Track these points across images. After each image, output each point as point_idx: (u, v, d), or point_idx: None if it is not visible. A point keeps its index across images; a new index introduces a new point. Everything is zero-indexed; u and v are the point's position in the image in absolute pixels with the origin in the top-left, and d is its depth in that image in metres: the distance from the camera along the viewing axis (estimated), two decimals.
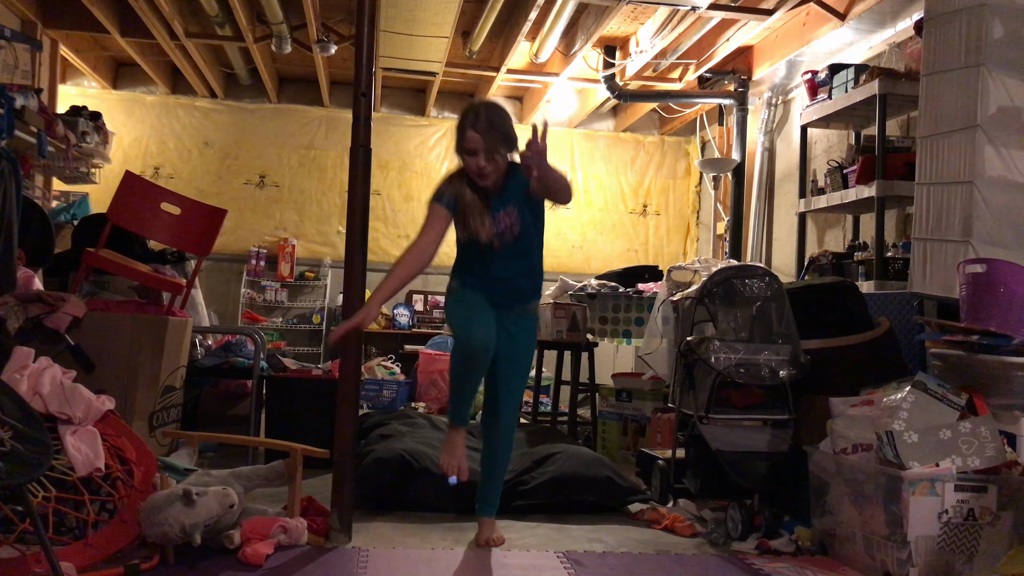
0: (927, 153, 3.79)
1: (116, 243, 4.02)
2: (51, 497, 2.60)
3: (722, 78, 6.57)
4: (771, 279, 3.47)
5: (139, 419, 3.54)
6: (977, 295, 3.17)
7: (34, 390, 2.80)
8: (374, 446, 3.73)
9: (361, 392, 3.93)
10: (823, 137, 5.88)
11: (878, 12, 4.92)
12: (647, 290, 5.47)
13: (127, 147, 7.64)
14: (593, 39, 5.89)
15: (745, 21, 5.54)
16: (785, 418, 3.35)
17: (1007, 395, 2.93)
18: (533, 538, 3.19)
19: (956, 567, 2.69)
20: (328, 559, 2.81)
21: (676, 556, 3.05)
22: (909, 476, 2.69)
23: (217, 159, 7.86)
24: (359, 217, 3.09)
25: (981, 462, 2.76)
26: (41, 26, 6.00)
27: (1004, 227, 3.53)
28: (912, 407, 2.88)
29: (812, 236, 5.90)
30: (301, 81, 7.86)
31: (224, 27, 5.98)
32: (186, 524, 2.56)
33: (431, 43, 5.99)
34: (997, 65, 3.54)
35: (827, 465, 3.11)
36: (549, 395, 5.93)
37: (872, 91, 4.54)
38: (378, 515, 3.39)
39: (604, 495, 3.63)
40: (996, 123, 3.54)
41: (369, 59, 3.17)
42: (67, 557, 2.42)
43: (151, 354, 3.62)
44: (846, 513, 2.99)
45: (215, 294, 7.50)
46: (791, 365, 3.32)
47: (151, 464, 2.95)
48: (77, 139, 5.63)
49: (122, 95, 7.76)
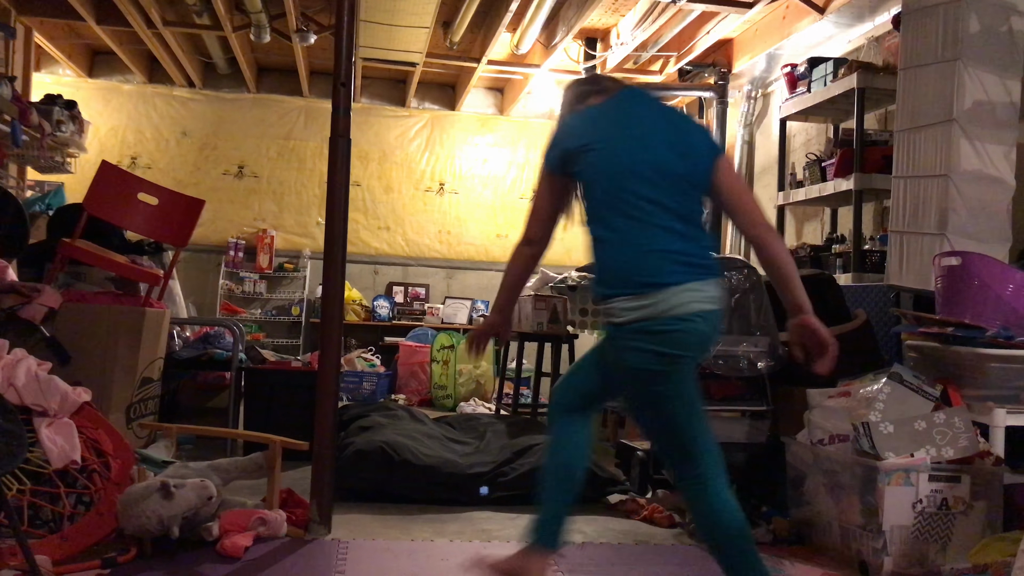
0: (904, 147, 3.82)
1: (92, 234, 3.98)
2: (26, 490, 2.58)
3: (702, 71, 6.58)
4: (750, 271, 3.50)
5: (116, 411, 3.51)
6: (952, 288, 3.20)
7: (8, 382, 2.78)
8: (354, 438, 3.72)
9: (341, 384, 3.91)
10: (802, 130, 5.91)
11: (857, 6, 4.95)
12: None
13: (103, 136, 7.55)
14: (574, 31, 5.89)
15: (725, 14, 5.55)
16: (763, 409, 3.38)
17: (981, 386, 2.97)
18: (513, 529, 3.20)
19: (930, 556, 2.73)
20: (308, 551, 2.81)
21: (655, 546, 3.07)
22: (884, 466, 2.73)
23: (195, 149, 7.78)
24: (339, 208, 3.08)
25: (955, 452, 2.80)
26: (15, 13, 5.91)
27: (979, 220, 3.57)
28: (888, 398, 2.91)
29: (791, 228, 5.94)
30: (280, 71, 7.79)
31: (202, 15, 5.91)
32: (164, 516, 2.55)
33: (411, 33, 5.96)
34: (973, 60, 3.58)
35: (804, 456, 3.14)
36: (529, 387, 5.95)
37: (851, 85, 4.57)
38: (358, 507, 3.39)
39: (584, 486, 3.64)
40: (972, 117, 3.58)
41: (349, 49, 3.15)
42: (43, 550, 2.40)
43: (128, 346, 3.59)
44: (823, 503, 3.02)
45: (193, 285, 7.44)
46: (769, 357, 3.35)
47: (128, 456, 2.92)
48: (52, 128, 5.55)
49: (98, 84, 7.66)
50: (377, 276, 8.04)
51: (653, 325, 2.01)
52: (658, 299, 2.01)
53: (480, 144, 8.16)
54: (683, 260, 2.05)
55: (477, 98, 8.17)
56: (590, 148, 2.11)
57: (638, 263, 2.04)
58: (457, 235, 8.09)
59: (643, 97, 2.24)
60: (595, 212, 2.12)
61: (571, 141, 2.16)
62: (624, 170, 2.08)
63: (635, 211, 2.06)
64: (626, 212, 2.06)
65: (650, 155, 2.08)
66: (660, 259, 2.04)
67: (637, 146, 2.10)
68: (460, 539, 3.04)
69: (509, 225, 8.11)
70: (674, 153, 2.10)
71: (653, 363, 2.03)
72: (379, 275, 8.04)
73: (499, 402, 5.93)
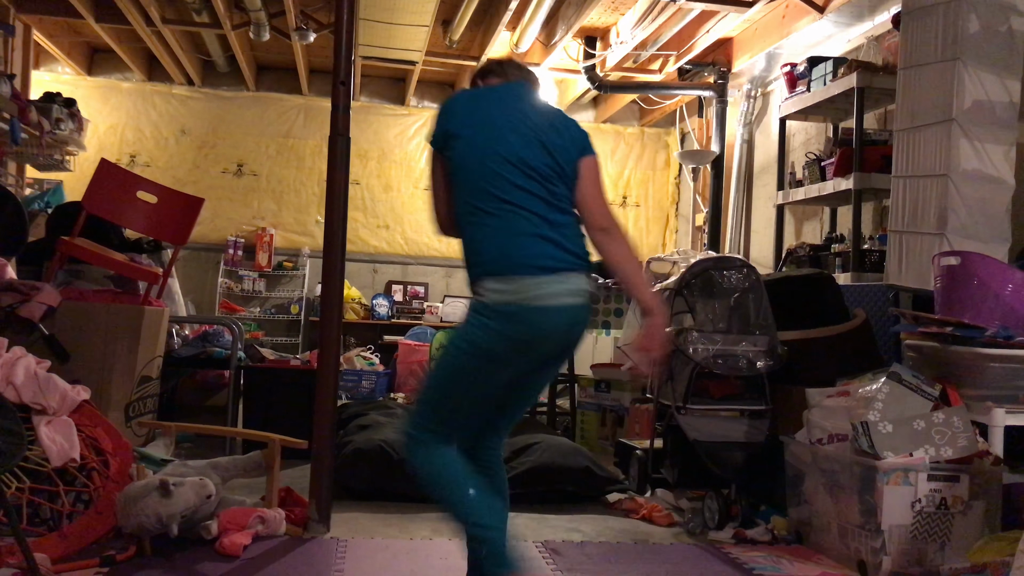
0: (903, 146, 3.82)
1: (91, 232, 3.98)
2: (25, 488, 2.58)
3: (702, 70, 6.58)
4: (749, 270, 3.50)
5: (115, 409, 3.51)
6: (951, 287, 3.21)
7: (7, 380, 2.77)
8: (353, 437, 3.72)
9: (340, 382, 3.91)
10: (801, 129, 5.91)
11: (856, 5, 4.95)
12: None
13: (102, 134, 7.54)
14: (574, 29, 5.88)
15: (725, 13, 5.55)
16: (762, 408, 3.38)
17: (980, 386, 2.97)
18: (511, 528, 3.19)
19: (929, 555, 2.73)
20: (306, 549, 2.81)
21: (653, 545, 3.08)
22: (883, 466, 2.73)
23: (194, 147, 7.77)
24: (338, 207, 3.08)
25: (954, 452, 2.80)
26: (14, 11, 5.90)
27: (978, 220, 3.57)
28: (887, 398, 2.91)
29: (790, 228, 5.94)
30: (279, 69, 7.78)
31: (201, 13, 5.90)
32: (163, 515, 2.55)
33: (411, 32, 5.95)
34: (973, 59, 3.58)
35: (803, 455, 3.14)
36: None
37: (850, 84, 4.57)
38: (357, 506, 3.38)
39: (583, 485, 3.65)
40: (971, 117, 3.58)
41: (348, 47, 3.15)
42: (42, 548, 2.40)
43: (127, 344, 3.58)
44: (821, 502, 3.02)
45: (192, 284, 7.44)
46: (768, 356, 3.34)
47: (127, 455, 2.92)
48: (51, 126, 5.55)
49: (97, 81, 7.65)
50: (376, 275, 8.03)
51: (512, 309, 2.04)
52: (521, 286, 2.05)
53: None
54: (550, 251, 2.08)
55: None
56: (464, 131, 2.15)
57: (507, 249, 2.07)
58: None
59: (527, 93, 2.27)
60: (467, 195, 2.14)
61: (450, 122, 2.20)
62: (495, 156, 2.11)
63: (507, 197, 2.09)
64: (498, 197, 2.09)
65: (518, 145, 2.12)
66: (528, 247, 2.07)
67: (507, 135, 2.13)
68: (459, 537, 3.03)
69: None
70: (539, 147, 2.13)
71: (501, 345, 2.06)
72: (378, 274, 8.04)
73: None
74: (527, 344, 2.08)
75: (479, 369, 2.09)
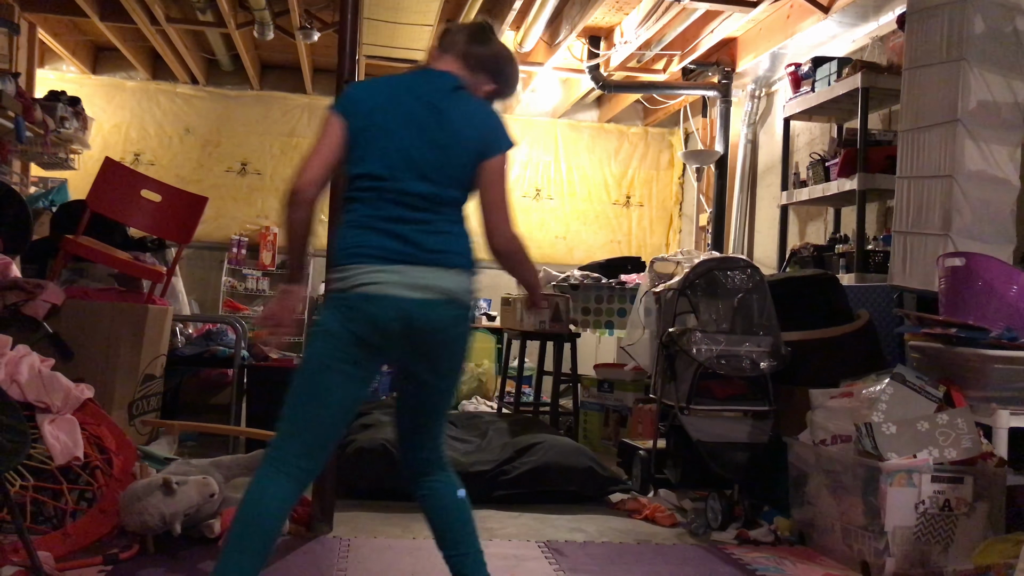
0: (908, 147, 3.81)
1: (96, 230, 3.99)
2: (29, 486, 2.58)
3: (706, 70, 6.57)
4: (752, 271, 3.49)
5: (118, 408, 3.51)
6: (956, 288, 3.20)
7: (12, 378, 2.78)
8: (356, 436, 3.72)
9: None
10: (805, 130, 5.90)
11: (861, 5, 4.94)
12: (630, 281, 5.49)
13: (107, 133, 7.54)
14: (578, 29, 5.88)
15: (729, 13, 5.54)
16: (765, 409, 3.38)
17: (984, 387, 2.96)
18: (514, 528, 3.20)
19: (932, 557, 2.73)
20: (309, 548, 2.81)
21: (656, 546, 3.07)
22: (887, 467, 2.72)
23: (198, 146, 7.78)
24: (340, 206, 3.07)
25: (958, 453, 2.79)
26: (19, 9, 5.91)
27: (983, 221, 3.56)
28: (891, 399, 2.91)
29: (794, 228, 5.93)
30: (283, 68, 7.79)
31: (206, 12, 5.91)
32: (166, 513, 2.55)
33: (415, 31, 5.95)
34: (978, 60, 3.57)
35: (806, 456, 3.14)
36: (531, 385, 5.94)
37: (855, 84, 4.56)
38: (360, 505, 3.39)
39: (585, 485, 3.65)
40: (976, 118, 3.57)
41: (353, 46, 3.15)
42: (45, 546, 2.40)
43: (131, 342, 3.59)
44: (825, 503, 3.02)
45: (196, 282, 7.44)
46: (772, 357, 3.34)
47: (130, 453, 2.93)
48: (56, 124, 5.56)
49: (102, 80, 7.66)
50: None
51: (340, 296, 1.97)
52: (351, 273, 1.96)
53: None
54: (390, 244, 1.97)
55: None
56: (364, 109, 2.04)
57: (350, 240, 2.00)
58: None
59: (445, 84, 2.11)
60: (350, 181, 2.06)
61: (361, 97, 2.10)
62: (380, 145, 2.01)
63: (376, 188, 2.00)
64: (368, 188, 2.00)
65: (408, 140, 2.01)
66: (368, 238, 1.98)
67: (401, 126, 2.02)
68: None
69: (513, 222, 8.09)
70: (430, 141, 2.01)
71: (335, 330, 1.96)
72: None
73: (501, 400, 5.93)
74: (356, 335, 1.95)
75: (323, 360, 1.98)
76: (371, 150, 2.02)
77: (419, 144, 2.02)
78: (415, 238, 1.99)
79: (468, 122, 2.07)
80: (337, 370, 1.97)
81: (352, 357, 1.97)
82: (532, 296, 2.29)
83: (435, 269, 1.99)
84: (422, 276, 1.97)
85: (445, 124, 2.04)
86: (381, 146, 2.02)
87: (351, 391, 2.01)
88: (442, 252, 2.01)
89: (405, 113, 2.04)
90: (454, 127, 2.04)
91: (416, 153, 2.01)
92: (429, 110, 2.05)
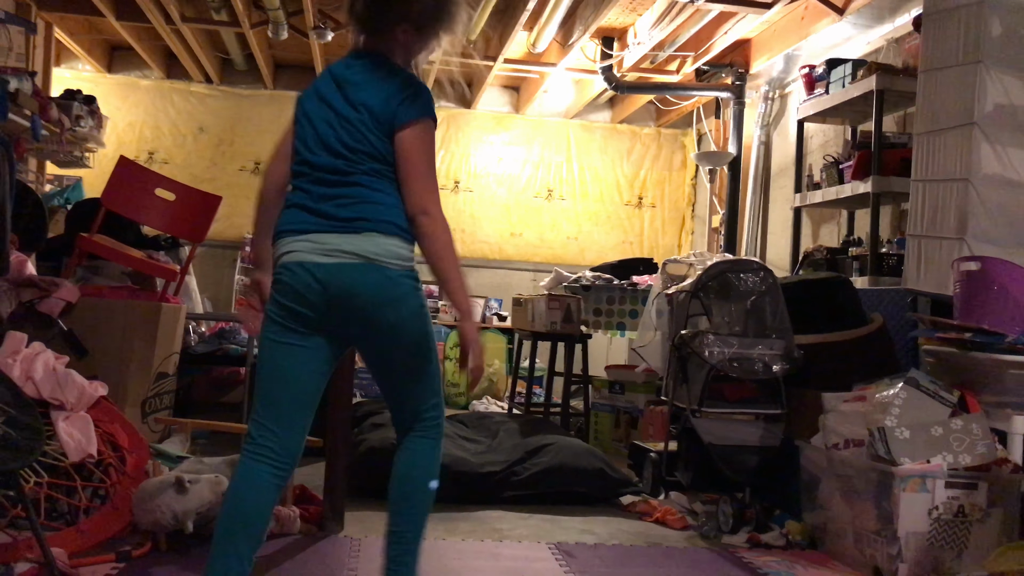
0: (923, 150, 3.78)
1: (110, 228, 4.01)
2: (43, 483, 2.60)
3: (719, 71, 6.55)
4: (765, 273, 3.48)
5: (132, 405, 3.53)
6: (971, 293, 3.18)
7: (27, 375, 2.80)
8: (367, 435, 3.73)
9: (354, 380, 3.92)
10: (819, 132, 5.87)
11: (877, 7, 4.91)
12: (642, 283, 5.47)
13: (121, 132, 7.59)
14: (591, 30, 5.87)
15: (743, 14, 5.52)
16: (777, 412, 3.36)
17: (999, 393, 2.94)
18: (525, 529, 3.20)
19: (945, 563, 2.71)
20: (320, 547, 2.82)
21: (667, 549, 3.07)
22: (900, 472, 2.71)
23: (212, 145, 7.81)
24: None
25: (972, 459, 2.77)
26: (36, 8, 5.95)
27: (999, 225, 3.53)
28: (904, 403, 2.89)
29: (807, 231, 5.91)
30: (297, 67, 7.81)
31: (220, 12, 5.94)
32: (178, 511, 2.56)
33: None
34: (995, 62, 3.54)
35: (819, 460, 3.12)
36: (542, 386, 5.94)
37: (869, 87, 4.53)
38: (371, 504, 3.38)
39: (596, 487, 3.64)
40: (993, 121, 3.54)
41: None
42: (59, 543, 2.41)
43: (144, 340, 3.61)
44: (837, 508, 3.00)
45: (209, 281, 7.46)
46: (784, 360, 3.33)
47: (143, 451, 2.94)
48: (71, 123, 5.59)
49: (117, 79, 7.70)
50: None
51: (274, 273, 2.04)
52: (276, 249, 2.03)
53: (495, 142, 8.15)
54: (303, 217, 2.01)
55: (493, 96, 8.16)
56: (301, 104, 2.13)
57: (283, 219, 2.06)
58: (471, 233, 8.08)
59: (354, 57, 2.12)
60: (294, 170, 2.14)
61: (304, 95, 2.15)
62: (303, 131, 2.09)
63: (300, 172, 2.07)
64: (297, 173, 2.08)
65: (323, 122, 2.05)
66: (295, 214, 2.03)
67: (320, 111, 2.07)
68: (472, 538, 3.04)
69: (524, 224, 8.10)
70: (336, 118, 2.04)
71: (269, 308, 2.03)
72: None
73: (512, 401, 5.93)
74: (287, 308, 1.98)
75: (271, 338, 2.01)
76: (299, 138, 2.11)
77: (327, 121, 2.06)
78: (328, 210, 2.01)
79: (370, 93, 2.05)
80: (284, 344, 2.00)
81: (292, 329, 2.00)
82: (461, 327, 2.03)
83: (346, 235, 1.98)
84: (333, 241, 1.98)
85: (349, 97, 2.06)
86: (303, 132, 2.10)
87: (305, 365, 2.02)
88: (355, 220, 1.99)
89: (320, 96, 2.10)
90: (357, 99, 2.05)
91: (324, 130, 2.06)
92: (336, 86, 2.09)
